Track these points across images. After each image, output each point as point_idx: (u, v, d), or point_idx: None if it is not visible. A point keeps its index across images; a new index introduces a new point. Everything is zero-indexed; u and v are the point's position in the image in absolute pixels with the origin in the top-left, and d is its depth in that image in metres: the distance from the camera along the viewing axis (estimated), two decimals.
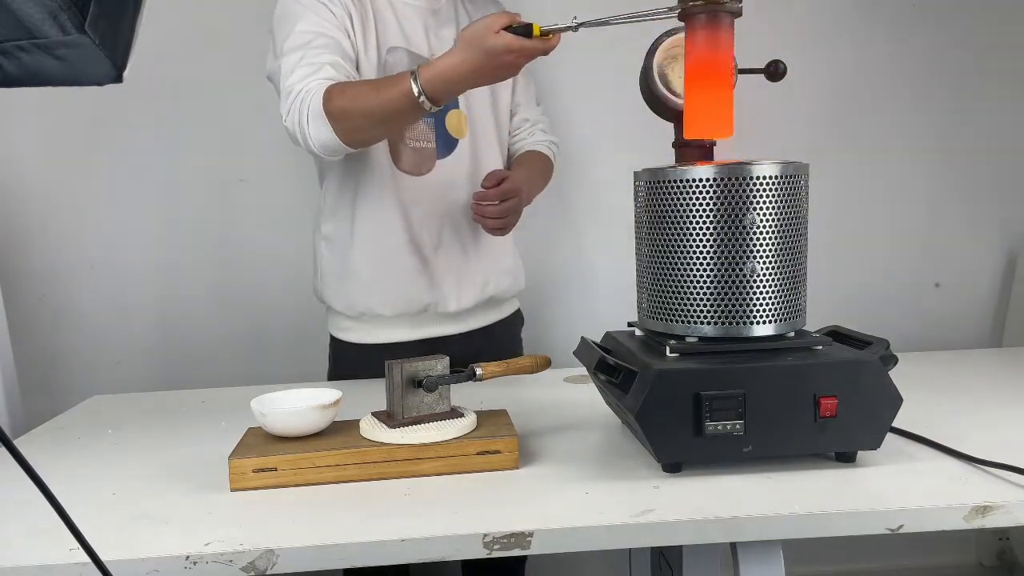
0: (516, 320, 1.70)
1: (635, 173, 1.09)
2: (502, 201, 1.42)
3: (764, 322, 1.00)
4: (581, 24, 1.10)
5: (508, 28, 1.13)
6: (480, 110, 1.54)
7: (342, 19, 1.40)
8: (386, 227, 1.48)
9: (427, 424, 1.06)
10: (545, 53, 1.15)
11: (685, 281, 1.01)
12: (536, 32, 1.12)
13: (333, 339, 1.60)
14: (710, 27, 0.98)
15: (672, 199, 1.01)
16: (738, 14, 0.99)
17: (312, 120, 1.27)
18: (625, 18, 1.09)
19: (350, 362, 1.57)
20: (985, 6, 2.02)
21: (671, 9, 1.02)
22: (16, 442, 0.89)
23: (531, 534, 0.86)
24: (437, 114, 1.48)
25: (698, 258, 1.00)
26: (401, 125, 1.35)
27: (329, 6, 1.39)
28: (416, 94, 1.20)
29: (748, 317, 1.00)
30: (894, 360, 1.04)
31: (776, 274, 1.00)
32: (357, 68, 1.42)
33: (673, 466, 1.00)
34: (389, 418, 1.08)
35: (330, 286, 1.54)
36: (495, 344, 1.56)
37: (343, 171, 1.49)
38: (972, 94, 2.05)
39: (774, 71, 1.10)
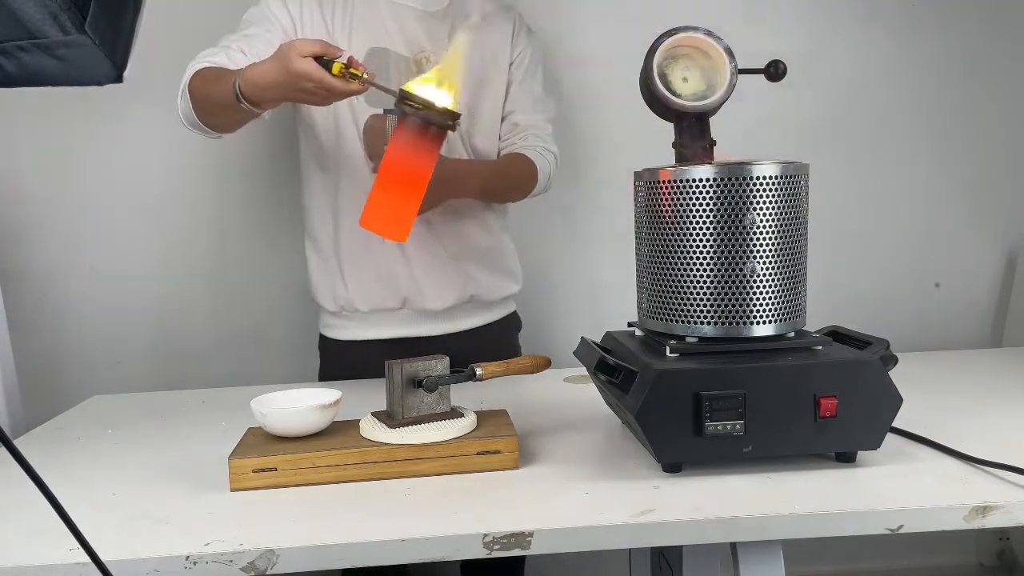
0: (510, 323, 1.68)
1: (635, 173, 1.09)
2: None
3: (764, 322, 1.00)
4: (371, 83, 1.12)
5: (318, 58, 1.13)
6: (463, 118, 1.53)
7: (294, 19, 1.42)
8: (354, 219, 1.47)
9: (427, 424, 1.06)
10: (345, 95, 1.17)
11: (685, 281, 1.01)
12: (336, 69, 1.12)
13: (321, 337, 1.61)
14: (418, 131, 1.00)
15: (672, 199, 1.01)
16: (449, 129, 1.01)
17: (181, 94, 1.32)
18: (391, 91, 1.11)
19: (336, 359, 1.58)
20: (985, 5, 2.02)
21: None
22: (16, 442, 0.89)
23: (531, 534, 0.86)
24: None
25: (698, 258, 1.00)
26: (235, 118, 1.31)
27: (288, 5, 1.42)
28: (234, 93, 1.21)
29: (748, 317, 1.00)
30: (894, 360, 1.04)
31: (776, 274, 1.00)
32: None
33: (673, 466, 1.00)
34: (389, 418, 1.08)
35: (315, 282, 1.55)
36: (487, 347, 1.50)
37: (323, 168, 1.50)
38: (972, 94, 2.05)
39: (774, 71, 1.10)
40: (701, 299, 1.01)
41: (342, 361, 1.56)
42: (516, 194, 1.56)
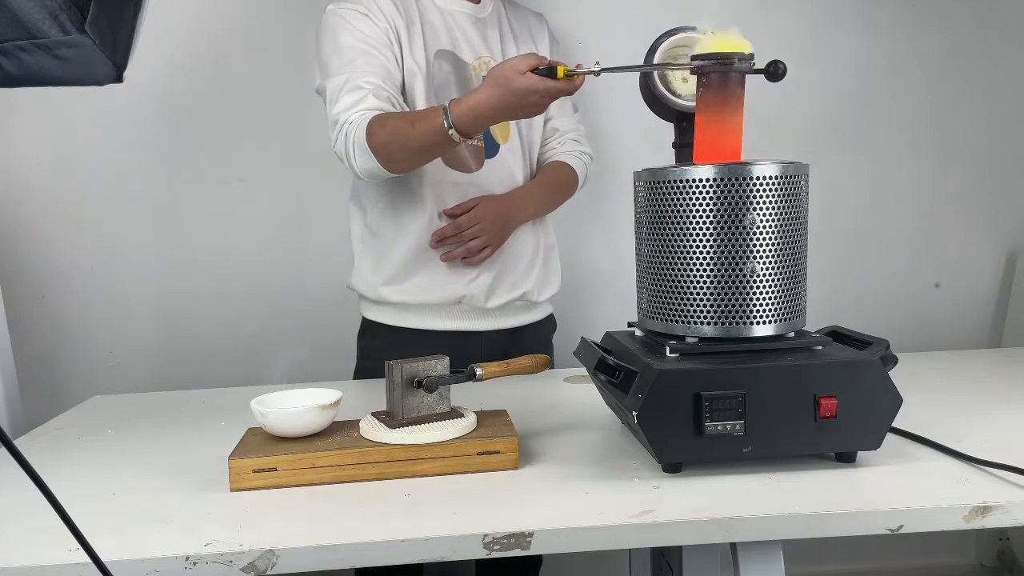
0: (548, 324, 1.70)
1: (635, 173, 1.09)
2: (462, 231, 1.45)
3: (764, 322, 1.00)
4: (604, 70, 1.13)
5: (534, 69, 1.16)
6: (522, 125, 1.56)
7: (385, 29, 1.42)
8: (428, 221, 1.48)
9: (427, 424, 1.06)
10: (569, 93, 1.19)
11: (685, 281, 1.01)
12: (560, 74, 1.15)
13: (365, 320, 1.59)
14: (721, 85, 1.01)
15: (672, 199, 1.01)
16: (747, 72, 1.02)
17: (357, 153, 1.33)
18: (644, 67, 1.12)
19: (381, 345, 1.55)
20: (984, 7, 2.02)
21: (687, 65, 1.05)
22: (16, 442, 0.89)
23: (531, 534, 0.86)
24: None
25: (698, 258, 1.00)
26: (436, 155, 1.38)
27: (372, 17, 1.41)
28: (447, 128, 1.24)
29: (748, 317, 1.00)
30: (894, 360, 1.04)
31: (776, 274, 1.00)
32: (403, 71, 1.44)
33: (673, 466, 1.00)
34: (389, 418, 1.08)
35: (365, 275, 1.53)
36: (525, 346, 1.54)
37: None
38: (972, 94, 2.05)
39: (774, 71, 1.09)
40: (701, 299, 1.00)
41: (386, 347, 1.55)
42: (561, 201, 1.65)
